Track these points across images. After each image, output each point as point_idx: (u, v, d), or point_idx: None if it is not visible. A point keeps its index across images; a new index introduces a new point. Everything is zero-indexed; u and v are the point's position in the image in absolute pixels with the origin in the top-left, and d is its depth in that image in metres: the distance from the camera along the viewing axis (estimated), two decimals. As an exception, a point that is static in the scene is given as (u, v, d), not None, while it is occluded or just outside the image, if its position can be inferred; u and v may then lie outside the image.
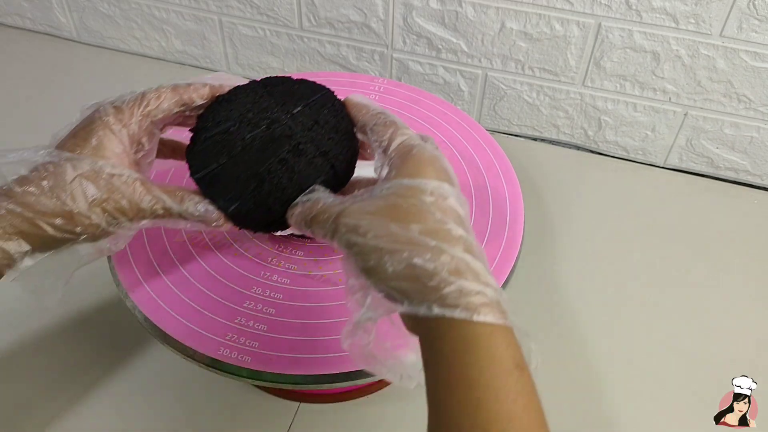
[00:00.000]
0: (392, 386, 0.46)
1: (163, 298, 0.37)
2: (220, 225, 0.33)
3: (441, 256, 0.25)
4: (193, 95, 0.34)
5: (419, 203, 0.27)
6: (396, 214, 0.27)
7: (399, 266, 0.26)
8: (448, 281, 0.25)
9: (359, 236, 0.27)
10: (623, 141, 0.68)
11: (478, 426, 0.23)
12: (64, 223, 0.29)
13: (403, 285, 0.26)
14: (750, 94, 0.60)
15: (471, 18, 0.64)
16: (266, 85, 0.34)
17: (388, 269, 0.26)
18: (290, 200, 0.32)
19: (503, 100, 0.69)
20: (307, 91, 0.35)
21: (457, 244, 0.26)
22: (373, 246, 0.26)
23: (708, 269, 0.56)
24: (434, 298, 0.25)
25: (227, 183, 0.32)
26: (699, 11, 0.56)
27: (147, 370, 0.47)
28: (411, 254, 0.26)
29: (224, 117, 0.33)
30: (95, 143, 0.31)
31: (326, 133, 0.33)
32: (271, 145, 0.32)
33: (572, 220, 0.60)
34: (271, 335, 0.35)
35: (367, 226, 0.27)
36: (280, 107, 0.33)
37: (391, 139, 0.31)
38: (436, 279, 0.25)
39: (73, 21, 0.83)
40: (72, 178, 0.30)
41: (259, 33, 0.74)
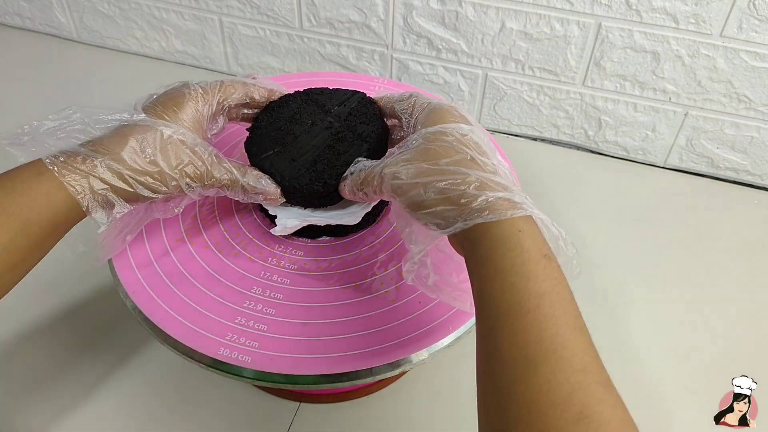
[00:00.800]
0: (392, 386, 0.46)
1: (163, 298, 0.37)
2: (276, 197, 0.39)
3: (467, 178, 0.30)
4: (256, 93, 0.41)
5: (444, 143, 0.32)
6: (426, 155, 0.32)
7: (434, 194, 0.30)
8: (475, 195, 0.29)
9: (400, 179, 0.32)
10: (623, 141, 0.68)
11: (514, 304, 0.26)
12: (153, 182, 0.33)
13: (440, 209, 0.30)
14: (750, 94, 0.60)
15: (471, 18, 0.64)
16: (308, 94, 0.44)
17: (426, 198, 0.30)
18: (340, 174, 0.38)
19: (503, 100, 0.69)
20: (341, 94, 0.44)
21: (479, 167, 0.31)
22: (412, 183, 0.31)
23: (708, 269, 0.56)
24: (466, 213, 0.29)
25: (282, 165, 0.39)
26: (699, 11, 0.56)
27: (147, 370, 0.47)
28: (442, 181, 0.30)
29: (276, 118, 0.42)
30: (181, 114, 0.36)
31: (359, 120, 0.41)
32: (318, 136, 0.40)
33: (572, 220, 0.60)
34: (271, 335, 0.35)
35: (405, 169, 0.32)
36: (320, 108, 0.43)
37: (413, 104, 0.38)
38: (465, 197, 0.29)
39: (73, 21, 0.83)
40: (165, 142, 0.34)
41: (259, 33, 0.74)
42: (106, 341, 0.48)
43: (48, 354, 0.47)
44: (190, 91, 0.37)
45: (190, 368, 0.36)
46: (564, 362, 0.24)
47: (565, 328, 0.25)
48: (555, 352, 0.24)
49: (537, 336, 0.25)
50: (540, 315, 0.25)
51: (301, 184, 0.38)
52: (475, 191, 0.29)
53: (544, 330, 0.25)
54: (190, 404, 0.45)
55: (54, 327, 0.49)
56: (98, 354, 0.48)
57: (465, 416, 0.44)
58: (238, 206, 0.44)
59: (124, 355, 0.48)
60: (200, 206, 0.43)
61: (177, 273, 0.38)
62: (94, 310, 0.51)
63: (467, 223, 0.29)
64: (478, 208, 0.29)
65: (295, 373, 0.33)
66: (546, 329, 0.25)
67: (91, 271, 0.54)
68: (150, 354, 0.47)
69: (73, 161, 0.32)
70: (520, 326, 0.25)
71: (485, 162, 0.31)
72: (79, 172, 0.32)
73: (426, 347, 0.35)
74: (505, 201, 0.29)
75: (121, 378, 0.46)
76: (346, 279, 0.39)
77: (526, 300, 0.26)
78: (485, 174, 0.30)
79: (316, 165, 0.39)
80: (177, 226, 0.42)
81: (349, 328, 0.36)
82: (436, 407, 0.45)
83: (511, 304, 0.26)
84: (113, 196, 0.33)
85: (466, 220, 0.29)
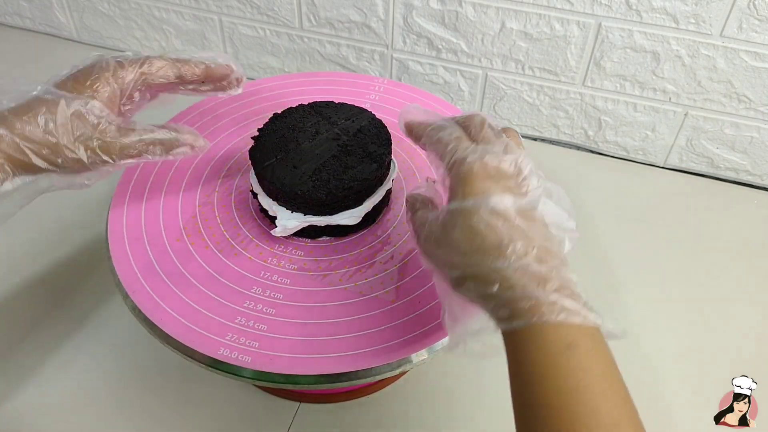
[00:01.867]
0: (392, 386, 0.46)
1: (163, 298, 0.37)
2: (198, 144, 0.38)
3: (496, 277, 0.27)
4: (188, 71, 0.38)
5: (469, 227, 0.28)
6: (449, 240, 0.29)
7: (469, 293, 0.28)
8: (504, 300, 0.27)
9: (429, 261, 0.31)
10: (623, 141, 0.68)
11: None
12: (49, 153, 0.33)
13: (475, 298, 0.28)
14: (750, 94, 0.60)
15: (471, 18, 0.64)
16: (312, 107, 0.45)
17: (458, 286, 0.29)
18: (348, 187, 0.39)
19: (503, 100, 0.69)
20: (347, 109, 0.45)
21: (509, 256, 0.27)
22: (441, 270, 0.30)
23: (708, 269, 0.56)
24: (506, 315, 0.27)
25: (282, 171, 0.40)
26: (699, 11, 0.56)
27: (147, 370, 0.47)
28: (474, 282, 0.28)
29: (279, 127, 0.43)
30: (90, 86, 0.35)
31: (370, 140, 0.42)
32: (322, 145, 0.41)
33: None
34: (271, 335, 0.35)
35: (432, 252, 0.30)
36: (326, 120, 0.43)
37: (443, 158, 0.31)
38: (493, 302, 0.27)
39: (73, 21, 0.83)
40: (64, 115, 0.33)
41: (259, 33, 0.74)
42: (105, 341, 0.48)
43: (47, 353, 0.47)
44: (102, 64, 0.36)
45: (189, 368, 0.36)
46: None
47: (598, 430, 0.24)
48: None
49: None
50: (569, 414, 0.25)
51: (303, 191, 0.38)
52: (504, 293, 0.27)
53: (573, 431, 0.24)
54: (190, 404, 0.45)
55: (53, 327, 0.49)
56: (98, 353, 0.48)
57: (465, 416, 0.44)
58: (239, 206, 0.44)
59: (124, 355, 0.48)
60: (200, 206, 0.43)
61: (177, 273, 0.38)
62: (94, 310, 0.51)
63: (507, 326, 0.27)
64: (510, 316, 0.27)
65: (295, 373, 0.33)
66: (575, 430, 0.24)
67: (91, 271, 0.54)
68: (150, 354, 0.47)
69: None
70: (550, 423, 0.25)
71: (513, 248, 0.27)
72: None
73: (426, 347, 0.35)
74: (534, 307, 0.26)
75: (121, 377, 0.46)
76: (346, 279, 0.39)
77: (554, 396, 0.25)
78: (517, 266, 0.27)
79: (321, 173, 0.39)
80: (177, 226, 0.42)
81: (349, 328, 0.36)
82: (436, 407, 0.45)
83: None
84: (10, 166, 0.32)
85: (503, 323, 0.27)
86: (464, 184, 0.29)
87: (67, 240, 0.56)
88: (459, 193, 0.29)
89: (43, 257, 0.55)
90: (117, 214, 0.42)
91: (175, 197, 0.44)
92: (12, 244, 0.55)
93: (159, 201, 0.43)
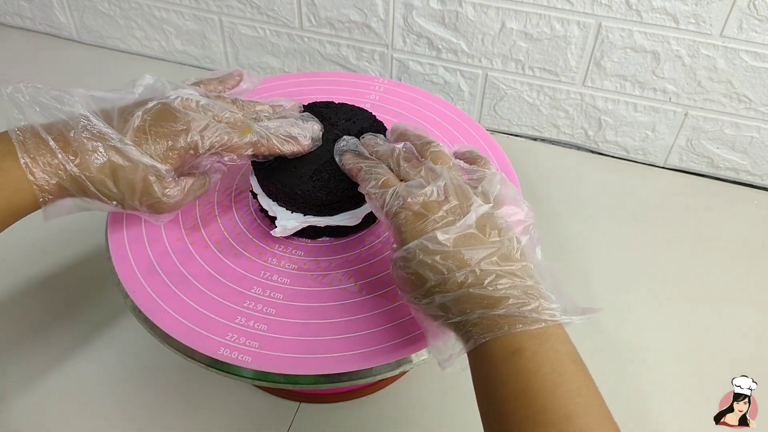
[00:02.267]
0: (392, 386, 0.46)
1: (163, 298, 0.37)
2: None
3: (446, 309, 0.30)
4: (276, 147, 0.39)
5: (413, 272, 0.31)
6: (406, 286, 0.32)
7: (436, 322, 0.31)
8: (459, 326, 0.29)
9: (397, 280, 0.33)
10: (623, 141, 0.68)
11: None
12: (114, 206, 0.35)
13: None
14: (750, 94, 0.60)
15: (471, 18, 0.64)
16: (312, 107, 0.44)
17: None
18: (349, 187, 0.38)
19: (503, 100, 0.69)
20: (347, 109, 0.44)
21: (450, 288, 0.29)
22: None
23: (708, 269, 0.56)
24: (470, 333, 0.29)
25: (282, 172, 0.40)
26: (699, 11, 0.56)
27: (147, 370, 0.47)
28: (433, 315, 0.30)
29: None
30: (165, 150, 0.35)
31: None
32: (322, 146, 0.41)
33: (572, 220, 0.60)
34: (271, 335, 0.35)
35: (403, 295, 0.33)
36: (326, 121, 0.43)
37: (379, 209, 0.34)
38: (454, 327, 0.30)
39: (73, 21, 0.83)
40: (140, 177, 0.35)
41: (259, 33, 0.74)
42: (105, 341, 0.48)
43: (47, 353, 0.47)
44: (188, 138, 0.36)
45: (190, 368, 0.36)
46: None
47: (546, 426, 0.25)
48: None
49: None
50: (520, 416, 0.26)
51: (303, 191, 0.38)
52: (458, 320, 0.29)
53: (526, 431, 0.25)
54: (190, 404, 0.45)
55: (53, 327, 0.49)
56: (98, 353, 0.48)
57: (465, 416, 0.44)
58: (239, 206, 0.44)
59: (124, 355, 0.48)
60: (200, 206, 0.43)
61: (177, 273, 0.38)
62: (94, 310, 0.51)
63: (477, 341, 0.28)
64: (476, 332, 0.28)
65: (295, 373, 0.33)
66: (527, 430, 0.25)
67: (91, 271, 0.54)
68: (150, 354, 0.47)
69: (44, 158, 0.32)
70: (505, 428, 0.26)
71: (456, 280, 0.29)
72: (47, 172, 0.32)
73: (426, 347, 0.35)
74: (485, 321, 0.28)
75: (121, 377, 0.46)
76: (346, 279, 0.39)
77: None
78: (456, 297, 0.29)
79: (321, 173, 0.39)
80: (177, 226, 0.42)
81: (349, 328, 0.36)
82: (436, 407, 0.45)
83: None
84: (73, 201, 0.34)
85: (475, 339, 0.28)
86: (399, 233, 0.32)
87: (67, 240, 0.56)
88: (398, 239, 0.32)
89: (43, 257, 0.55)
90: (117, 214, 0.42)
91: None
92: (12, 244, 0.55)
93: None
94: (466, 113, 0.53)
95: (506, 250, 0.30)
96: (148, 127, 0.35)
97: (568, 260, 0.56)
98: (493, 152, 0.48)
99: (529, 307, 0.28)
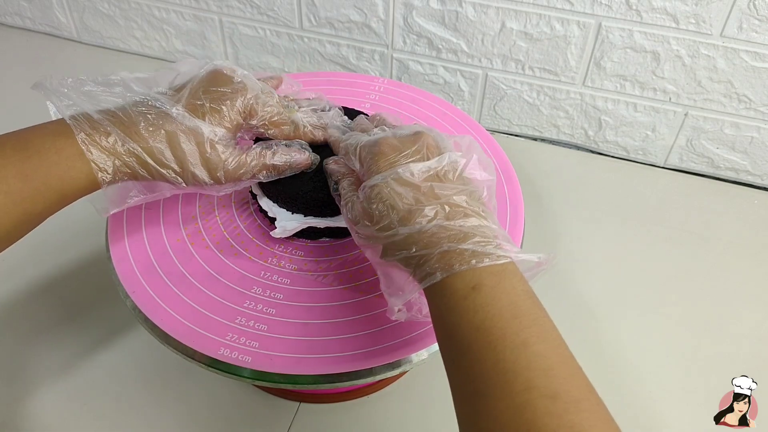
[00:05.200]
0: (392, 386, 0.46)
1: (163, 298, 0.37)
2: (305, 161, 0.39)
3: (411, 241, 0.30)
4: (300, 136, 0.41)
5: (381, 200, 0.31)
6: (370, 216, 0.32)
7: (393, 259, 0.31)
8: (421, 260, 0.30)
9: (361, 240, 0.33)
10: (623, 141, 0.68)
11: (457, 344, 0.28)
12: (174, 176, 0.35)
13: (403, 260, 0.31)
14: (750, 94, 0.60)
15: (471, 18, 0.64)
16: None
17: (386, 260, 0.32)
18: None
19: (503, 100, 0.69)
20: (347, 112, 0.45)
21: (420, 220, 0.30)
22: (374, 246, 0.32)
23: (708, 269, 0.56)
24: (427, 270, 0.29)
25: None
26: (699, 11, 0.56)
27: (147, 370, 0.47)
28: (395, 249, 0.30)
29: None
30: (222, 112, 0.36)
31: None
32: (323, 149, 0.41)
33: (572, 220, 0.60)
34: (271, 335, 0.35)
35: (361, 233, 0.33)
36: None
37: (353, 151, 0.35)
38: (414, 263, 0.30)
39: (73, 21, 0.83)
40: (198, 142, 0.35)
41: (259, 33, 0.74)
42: (105, 341, 0.48)
43: (47, 354, 0.47)
44: (244, 101, 0.37)
45: (190, 368, 0.36)
46: (507, 386, 0.25)
47: (504, 352, 0.25)
48: (497, 379, 0.25)
49: (480, 368, 0.26)
50: (479, 346, 0.26)
51: (303, 192, 0.39)
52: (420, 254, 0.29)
53: (485, 361, 0.26)
54: (190, 404, 0.45)
55: (53, 327, 0.49)
56: (98, 353, 0.48)
57: (465, 416, 0.44)
58: (239, 206, 0.44)
59: (124, 355, 0.48)
60: (200, 206, 0.43)
61: (177, 273, 0.38)
62: (94, 310, 0.51)
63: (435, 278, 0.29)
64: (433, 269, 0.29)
65: (295, 373, 0.33)
66: (486, 360, 0.26)
67: (91, 270, 0.54)
68: (150, 354, 0.47)
69: (100, 137, 0.32)
70: (465, 363, 0.27)
71: (424, 212, 0.30)
72: (105, 151, 0.32)
73: (426, 347, 0.35)
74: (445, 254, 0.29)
75: (121, 378, 0.46)
76: (346, 279, 0.39)
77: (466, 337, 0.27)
78: (424, 230, 0.30)
79: (321, 175, 0.40)
80: (177, 226, 0.42)
81: (349, 328, 0.36)
82: (436, 407, 0.45)
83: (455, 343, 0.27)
84: (132, 182, 0.34)
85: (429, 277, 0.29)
86: (373, 161, 0.33)
87: (67, 240, 0.56)
88: (371, 170, 0.32)
89: (44, 257, 0.55)
90: (117, 214, 0.42)
91: (176, 198, 0.44)
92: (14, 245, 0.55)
93: (159, 201, 0.43)
94: (466, 113, 0.53)
95: (473, 194, 0.31)
96: (202, 93, 0.36)
97: (568, 260, 0.56)
98: (493, 152, 0.48)
99: (492, 244, 0.29)
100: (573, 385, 0.25)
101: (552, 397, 0.24)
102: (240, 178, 0.37)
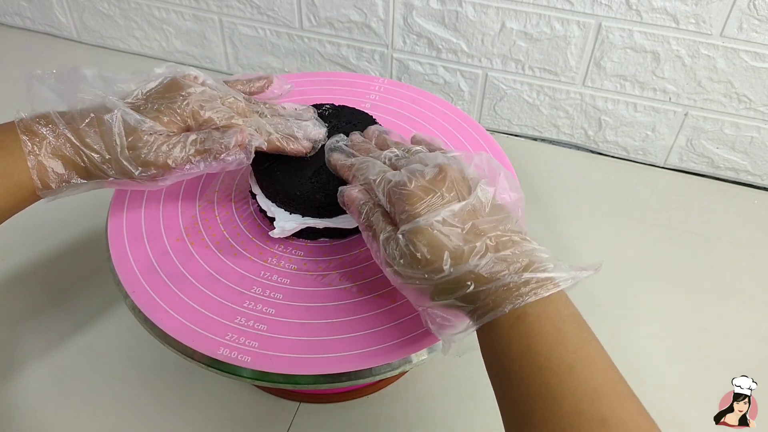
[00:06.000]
0: (392, 386, 0.46)
1: (163, 298, 0.37)
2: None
3: (468, 278, 0.29)
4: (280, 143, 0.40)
5: (429, 243, 0.31)
6: (418, 260, 0.31)
7: (446, 300, 0.31)
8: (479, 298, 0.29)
9: (402, 281, 0.32)
10: (623, 141, 0.68)
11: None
12: (103, 164, 0.35)
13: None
14: (750, 94, 0.60)
15: (471, 18, 0.64)
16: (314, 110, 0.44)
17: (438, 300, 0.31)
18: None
19: (503, 100, 0.69)
20: (347, 112, 0.45)
21: (474, 257, 0.29)
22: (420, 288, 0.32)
23: (708, 269, 0.56)
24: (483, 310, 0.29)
25: (281, 174, 0.40)
26: (699, 11, 0.56)
27: (147, 370, 0.47)
28: (449, 288, 0.30)
29: None
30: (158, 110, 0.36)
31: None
32: (322, 149, 0.41)
33: (572, 220, 0.60)
34: (271, 335, 0.35)
35: (404, 276, 0.32)
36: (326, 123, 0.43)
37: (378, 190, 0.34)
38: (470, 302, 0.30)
39: (73, 21, 0.83)
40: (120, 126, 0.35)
41: (259, 33, 0.74)
42: (105, 341, 0.48)
43: (47, 353, 0.47)
44: (186, 105, 0.37)
45: (189, 368, 0.36)
46: (553, 410, 0.25)
47: (551, 378, 0.26)
48: (543, 403, 0.25)
49: (527, 393, 0.26)
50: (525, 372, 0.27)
51: (302, 192, 0.39)
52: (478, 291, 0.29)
53: (531, 385, 0.26)
54: (190, 404, 0.45)
55: (53, 327, 0.49)
56: (98, 353, 0.48)
57: (465, 416, 0.44)
58: (239, 206, 0.44)
59: (124, 355, 0.48)
60: (200, 206, 0.43)
61: (177, 273, 0.38)
62: (94, 310, 0.51)
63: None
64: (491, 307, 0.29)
65: (295, 373, 0.33)
66: (532, 384, 0.26)
67: (90, 270, 0.54)
68: (150, 354, 0.47)
69: (40, 127, 0.34)
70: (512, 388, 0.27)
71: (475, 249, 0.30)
72: (44, 139, 0.34)
73: (426, 347, 0.35)
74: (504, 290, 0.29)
75: (120, 377, 0.46)
76: (346, 279, 0.39)
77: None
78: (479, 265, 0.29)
79: (320, 175, 0.39)
80: (177, 226, 0.42)
81: (349, 328, 0.36)
82: (436, 407, 0.45)
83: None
84: (70, 171, 0.35)
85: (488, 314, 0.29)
86: (409, 204, 0.32)
87: (67, 240, 0.56)
88: (407, 213, 0.31)
89: (44, 257, 0.55)
90: (117, 213, 0.42)
91: (175, 197, 0.44)
92: (12, 244, 0.55)
93: (159, 201, 0.43)
94: (466, 113, 0.53)
95: (510, 219, 0.31)
96: (153, 97, 0.37)
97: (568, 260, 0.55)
98: (493, 152, 0.48)
99: (549, 270, 0.29)
100: (621, 408, 0.25)
101: (599, 420, 0.24)
102: (167, 165, 0.36)
